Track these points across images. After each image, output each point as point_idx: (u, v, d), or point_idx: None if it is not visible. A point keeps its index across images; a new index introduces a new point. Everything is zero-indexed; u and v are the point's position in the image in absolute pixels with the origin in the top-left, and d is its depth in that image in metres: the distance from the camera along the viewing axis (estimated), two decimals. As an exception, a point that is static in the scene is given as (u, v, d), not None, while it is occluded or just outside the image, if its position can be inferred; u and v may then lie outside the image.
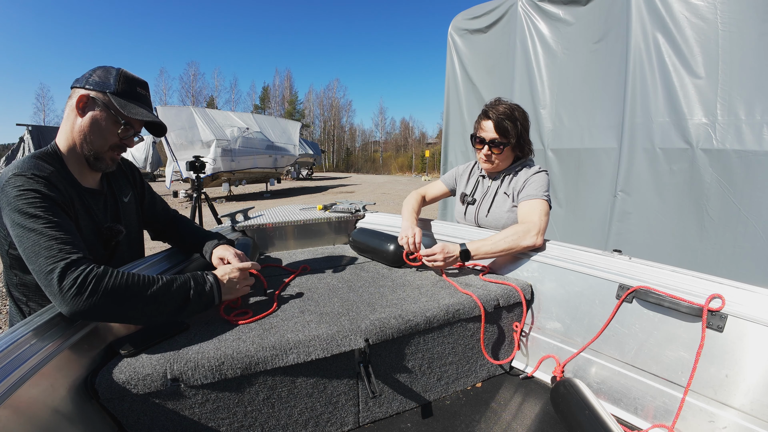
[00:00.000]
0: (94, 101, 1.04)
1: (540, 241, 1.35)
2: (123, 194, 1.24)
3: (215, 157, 10.73)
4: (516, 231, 1.36)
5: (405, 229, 1.56)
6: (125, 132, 1.08)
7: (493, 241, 1.36)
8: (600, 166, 2.85)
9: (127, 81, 1.07)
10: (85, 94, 1.03)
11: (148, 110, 1.11)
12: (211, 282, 1.03)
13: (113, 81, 1.05)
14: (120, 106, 1.04)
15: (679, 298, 0.98)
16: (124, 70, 1.08)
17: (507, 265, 1.46)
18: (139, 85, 1.10)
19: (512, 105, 1.56)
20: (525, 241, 1.33)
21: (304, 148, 21.29)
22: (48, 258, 0.83)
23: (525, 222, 1.39)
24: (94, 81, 1.04)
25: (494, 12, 3.53)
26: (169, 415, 0.87)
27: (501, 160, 1.58)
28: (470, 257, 1.36)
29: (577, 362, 1.22)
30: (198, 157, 3.99)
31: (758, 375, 0.88)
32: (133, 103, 1.07)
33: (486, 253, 1.36)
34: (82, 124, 1.04)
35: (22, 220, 0.86)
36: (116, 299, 0.85)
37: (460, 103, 3.97)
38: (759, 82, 2.11)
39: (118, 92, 1.05)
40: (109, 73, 1.06)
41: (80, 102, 1.03)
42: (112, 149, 1.09)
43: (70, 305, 0.80)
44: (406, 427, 1.09)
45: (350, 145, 59.92)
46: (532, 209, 1.42)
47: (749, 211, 2.15)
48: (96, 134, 1.05)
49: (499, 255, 1.38)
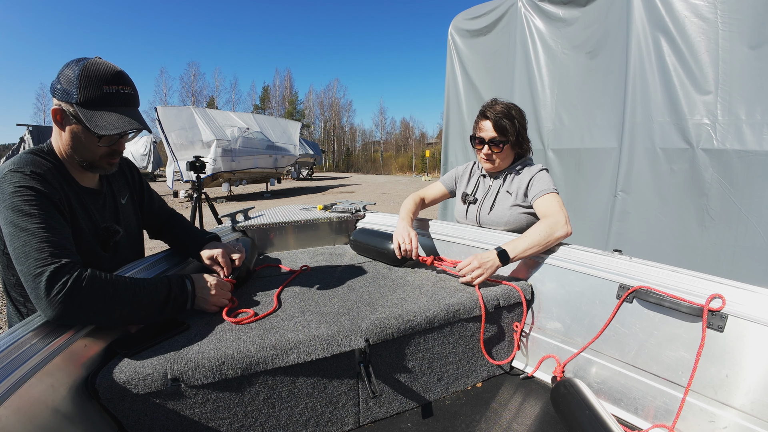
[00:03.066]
0: (66, 114, 0.95)
1: (570, 229, 1.33)
2: (121, 195, 1.22)
3: (215, 157, 10.73)
4: (547, 224, 1.33)
5: (400, 230, 1.56)
6: (107, 141, 0.99)
7: (528, 237, 1.31)
8: (600, 166, 2.85)
9: (90, 83, 0.92)
10: (57, 108, 0.95)
11: (123, 111, 0.96)
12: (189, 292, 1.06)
13: (75, 88, 0.92)
14: (87, 119, 0.92)
15: (679, 298, 0.98)
16: (87, 67, 0.93)
17: (507, 265, 1.46)
18: (107, 81, 0.94)
19: (509, 104, 1.57)
20: (558, 231, 1.31)
21: (305, 148, 21.30)
22: (37, 260, 0.82)
23: (549, 215, 1.38)
24: (60, 90, 0.93)
25: (494, 12, 3.53)
26: (170, 415, 0.87)
27: (502, 159, 1.59)
28: (509, 259, 1.30)
29: (577, 362, 1.22)
30: (198, 157, 3.98)
31: (759, 375, 0.88)
32: (102, 111, 0.94)
33: (524, 249, 1.30)
34: (65, 138, 0.98)
35: (14, 218, 0.85)
36: (103, 305, 0.86)
37: (460, 103, 3.97)
38: (759, 82, 2.11)
39: (81, 102, 0.92)
40: (72, 75, 0.92)
41: (56, 115, 0.96)
42: (103, 157, 1.03)
43: (56, 310, 0.80)
44: (406, 427, 1.09)
45: (350, 145, 59.91)
46: (551, 203, 1.42)
47: (750, 211, 2.15)
48: (80, 148, 0.99)
49: (535, 251, 1.31)
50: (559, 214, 1.36)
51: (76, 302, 0.81)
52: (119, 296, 0.89)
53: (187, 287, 1.06)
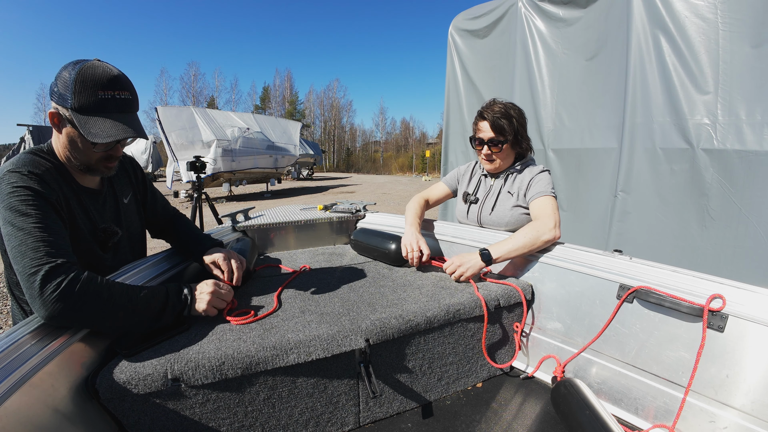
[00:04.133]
0: (62, 118, 0.95)
1: (558, 233, 1.34)
2: (124, 195, 1.22)
3: (216, 157, 10.73)
4: (534, 227, 1.35)
5: (408, 237, 1.56)
6: (102, 147, 0.99)
7: (513, 239, 1.34)
8: (600, 166, 2.85)
9: (85, 88, 0.91)
10: (54, 111, 0.95)
11: (118, 117, 0.95)
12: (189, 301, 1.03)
13: (70, 93, 0.91)
14: (81, 125, 0.91)
15: (679, 298, 0.98)
16: (83, 72, 0.92)
17: (507, 266, 1.46)
18: (102, 86, 0.92)
19: (507, 104, 1.58)
20: (545, 235, 1.32)
21: (305, 148, 21.30)
22: (33, 260, 0.82)
23: (540, 218, 1.39)
24: (57, 94, 0.93)
25: (494, 12, 3.53)
26: (170, 415, 0.88)
27: (502, 159, 1.59)
28: (492, 260, 1.32)
29: (577, 362, 1.22)
30: (198, 158, 3.98)
31: (759, 375, 0.88)
32: (97, 117, 0.92)
33: (508, 251, 1.32)
34: (63, 141, 0.98)
35: (12, 218, 0.85)
36: (96, 308, 0.85)
37: (461, 103, 3.97)
38: (760, 82, 2.11)
39: (76, 107, 0.91)
40: (68, 79, 0.91)
41: (53, 118, 0.96)
42: (99, 162, 1.03)
43: (49, 310, 0.80)
44: (406, 427, 1.09)
45: (351, 145, 59.88)
46: (544, 205, 1.43)
47: (750, 211, 2.15)
48: (77, 151, 0.99)
49: (520, 253, 1.33)
50: (549, 218, 1.36)
51: (69, 303, 0.81)
52: (114, 301, 0.88)
53: (185, 295, 1.03)
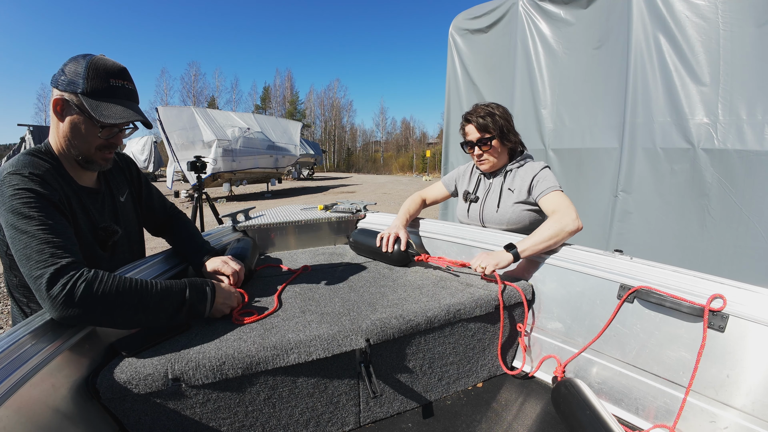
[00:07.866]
0: (68, 104, 0.96)
1: (581, 224, 1.32)
2: (120, 193, 1.21)
3: (216, 157, 10.74)
4: (556, 219, 1.33)
5: (390, 227, 1.64)
6: (107, 133, 1.01)
7: (538, 233, 1.31)
8: (601, 166, 2.84)
9: (98, 75, 0.96)
10: (59, 98, 0.96)
11: (126, 104, 1.00)
12: (209, 300, 1.01)
13: (82, 79, 0.94)
14: (92, 108, 0.95)
15: (680, 298, 0.98)
16: (95, 61, 0.97)
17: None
18: (113, 75, 0.98)
19: (489, 104, 1.63)
20: (569, 226, 1.30)
21: (305, 148, 21.31)
22: (38, 262, 0.82)
23: (558, 211, 1.38)
24: (64, 81, 0.95)
25: (495, 12, 3.53)
26: (171, 415, 0.88)
27: (494, 157, 1.61)
28: (518, 254, 1.30)
29: (578, 362, 1.22)
30: (199, 157, 3.98)
31: (760, 375, 0.88)
32: (107, 102, 0.97)
33: (534, 244, 1.30)
34: (64, 129, 0.99)
35: (15, 221, 0.85)
36: (107, 306, 0.84)
37: (461, 103, 3.96)
38: (760, 82, 2.10)
39: (88, 92, 0.95)
40: (79, 68, 0.95)
41: (56, 106, 0.97)
42: (99, 150, 1.03)
43: (59, 311, 0.80)
44: (407, 427, 1.09)
45: (351, 145, 59.88)
46: (558, 199, 1.42)
47: (750, 211, 2.15)
48: (79, 139, 1.00)
49: (546, 245, 1.31)
50: (569, 209, 1.36)
51: (78, 302, 0.81)
52: (124, 298, 0.87)
53: (208, 295, 1.01)
